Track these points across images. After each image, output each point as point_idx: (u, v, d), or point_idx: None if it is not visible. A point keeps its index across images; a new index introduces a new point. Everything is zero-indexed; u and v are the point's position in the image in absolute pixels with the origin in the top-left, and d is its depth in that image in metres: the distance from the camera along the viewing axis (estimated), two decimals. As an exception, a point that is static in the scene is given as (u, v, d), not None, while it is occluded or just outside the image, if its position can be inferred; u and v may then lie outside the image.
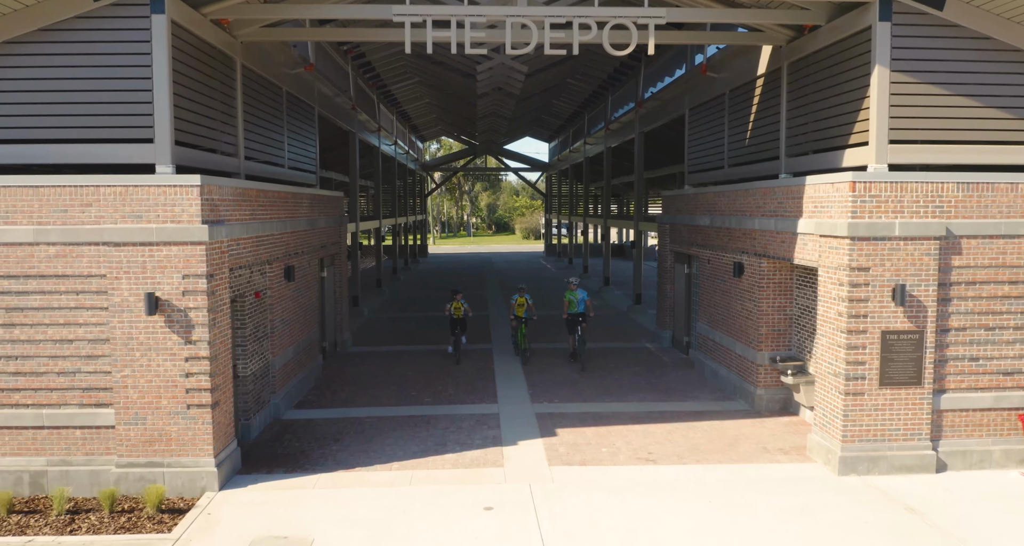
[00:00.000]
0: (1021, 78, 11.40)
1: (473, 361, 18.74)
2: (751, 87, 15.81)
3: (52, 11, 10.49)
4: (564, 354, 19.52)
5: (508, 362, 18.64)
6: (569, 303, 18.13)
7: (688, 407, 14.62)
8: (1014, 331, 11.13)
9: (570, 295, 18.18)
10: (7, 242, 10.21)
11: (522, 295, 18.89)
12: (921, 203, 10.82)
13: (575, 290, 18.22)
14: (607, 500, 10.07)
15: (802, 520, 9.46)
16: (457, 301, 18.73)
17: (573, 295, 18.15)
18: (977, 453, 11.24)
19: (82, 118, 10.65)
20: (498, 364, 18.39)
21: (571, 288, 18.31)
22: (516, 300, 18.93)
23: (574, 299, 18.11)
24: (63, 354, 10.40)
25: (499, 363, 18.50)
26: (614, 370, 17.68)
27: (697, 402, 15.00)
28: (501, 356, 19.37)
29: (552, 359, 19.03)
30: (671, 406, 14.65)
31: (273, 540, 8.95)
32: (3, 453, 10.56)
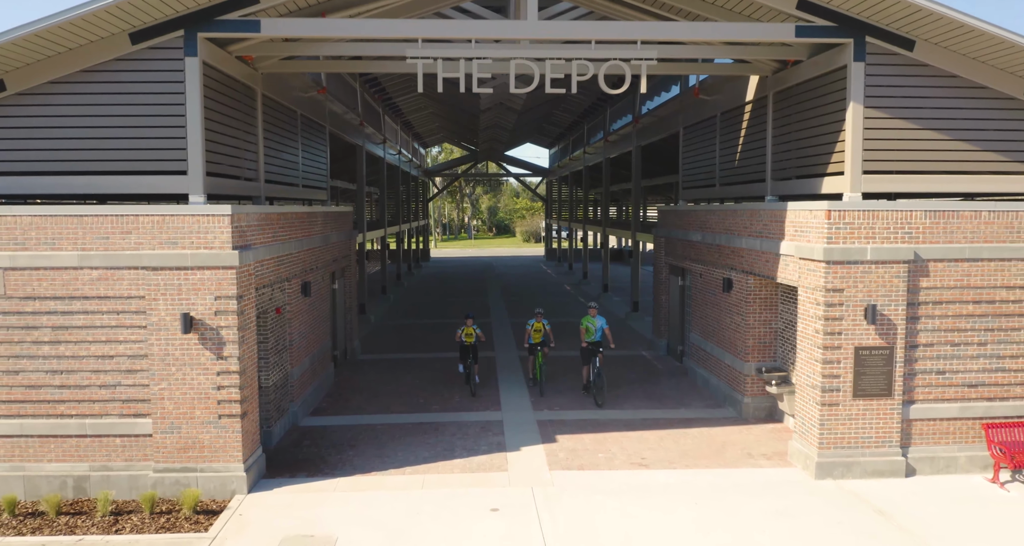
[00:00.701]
0: (985, 113, 12.36)
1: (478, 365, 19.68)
2: (740, 111, 16.76)
3: (93, 53, 11.44)
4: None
5: (511, 370, 19.59)
6: (586, 330, 16.57)
7: (680, 414, 15.58)
8: (977, 347, 12.09)
9: (588, 322, 16.61)
10: (54, 266, 11.17)
11: (539, 320, 17.31)
12: (891, 229, 11.77)
13: (594, 316, 16.67)
14: (604, 502, 11.03)
15: (780, 520, 10.42)
16: (469, 327, 17.21)
17: (591, 322, 16.59)
18: (944, 459, 12.19)
19: (121, 152, 11.60)
20: (501, 373, 19.33)
21: (590, 314, 16.75)
22: (532, 326, 17.35)
23: (592, 326, 16.56)
24: (104, 368, 11.36)
25: (502, 371, 19.44)
26: (611, 378, 18.62)
27: (689, 410, 15.95)
28: (504, 364, 20.30)
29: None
30: (664, 413, 15.60)
31: (301, 539, 9.91)
32: (49, 460, 11.52)
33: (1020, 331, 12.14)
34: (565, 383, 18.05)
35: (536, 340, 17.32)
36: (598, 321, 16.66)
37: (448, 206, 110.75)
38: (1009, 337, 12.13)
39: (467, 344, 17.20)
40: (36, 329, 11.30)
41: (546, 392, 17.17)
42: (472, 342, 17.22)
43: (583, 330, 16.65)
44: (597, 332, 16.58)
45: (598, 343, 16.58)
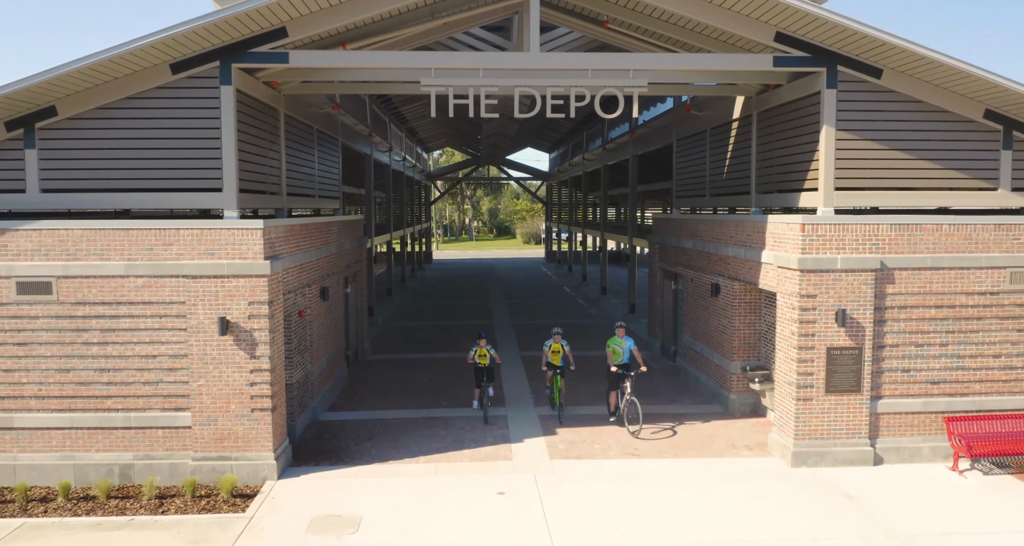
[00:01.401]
0: (946, 134, 13.58)
1: (482, 368, 20.87)
2: (728, 128, 17.97)
3: (137, 82, 12.65)
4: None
5: (512, 367, 20.79)
6: (613, 353, 15.42)
7: (671, 410, 16.78)
8: (939, 347, 13.30)
9: (614, 343, 15.48)
10: (103, 275, 12.39)
11: (557, 341, 15.98)
12: (860, 241, 12.99)
13: (621, 337, 15.54)
14: (598, 487, 12.24)
15: (757, 502, 11.63)
16: (483, 347, 15.99)
17: (618, 343, 15.47)
18: (909, 449, 13.41)
19: (162, 171, 12.81)
20: (504, 370, 20.52)
21: (617, 334, 15.60)
22: (550, 346, 16.06)
23: (619, 348, 15.47)
24: (148, 367, 12.57)
25: (505, 369, 20.63)
26: (608, 376, 19.81)
27: (680, 406, 17.16)
28: (506, 361, 21.49)
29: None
30: (657, 409, 16.80)
31: (329, 518, 11.13)
32: (97, 449, 12.73)
33: (978, 333, 13.35)
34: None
35: (555, 362, 16.01)
36: (626, 342, 15.50)
37: (449, 208, 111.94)
38: (968, 338, 13.34)
39: (481, 366, 15.92)
40: (86, 331, 12.51)
41: (566, 419, 15.95)
42: (487, 364, 15.91)
43: (609, 353, 15.43)
44: (625, 354, 15.48)
45: (627, 366, 15.49)
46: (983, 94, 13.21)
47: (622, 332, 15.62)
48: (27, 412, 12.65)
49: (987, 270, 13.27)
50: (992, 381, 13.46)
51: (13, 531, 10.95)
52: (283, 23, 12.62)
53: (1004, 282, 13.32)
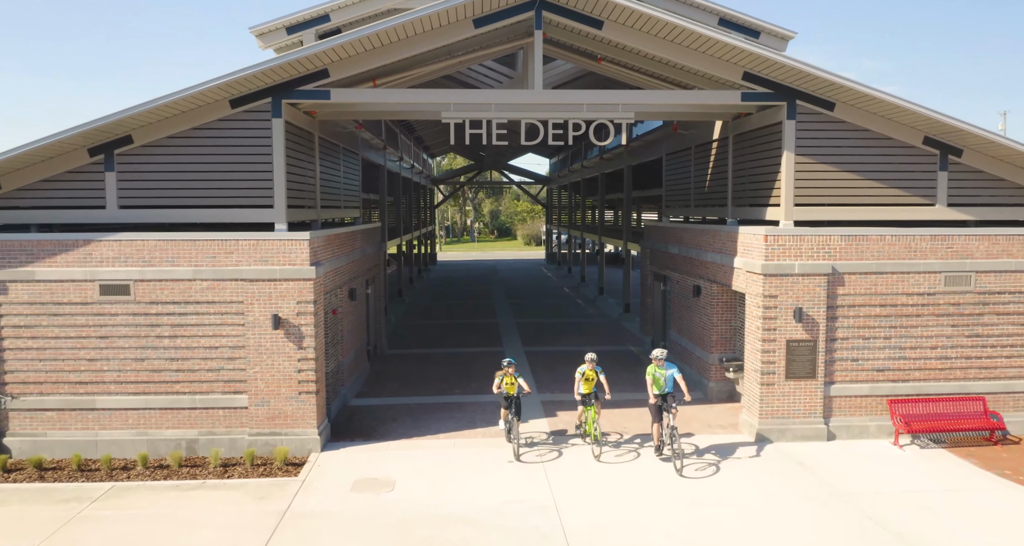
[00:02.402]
0: (890, 158, 15.86)
1: (488, 360, 23.15)
2: (709, 146, 20.25)
3: (201, 115, 14.93)
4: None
5: (518, 362, 23.06)
6: (654, 381, 14.30)
7: (658, 397, 19.04)
8: (883, 340, 15.59)
9: (655, 371, 14.31)
10: (174, 278, 14.66)
11: (591, 367, 14.94)
12: (815, 249, 15.27)
13: (662, 365, 14.30)
14: (592, 459, 14.50)
15: (725, 470, 13.90)
16: (510, 375, 14.97)
17: (660, 371, 14.30)
18: (858, 427, 15.69)
19: (222, 191, 15.09)
20: (510, 364, 22.80)
21: (656, 363, 14.31)
22: (583, 373, 14.94)
23: (660, 377, 14.30)
24: (211, 357, 14.85)
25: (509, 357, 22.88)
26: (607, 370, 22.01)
27: (665, 393, 19.42)
28: (510, 352, 23.77)
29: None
30: (644, 396, 19.04)
31: (368, 481, 13.41)
32: (167, 427, 15.01)
33: (917, 328, 15.63)
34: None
35: (587, 390, 14.94)
36: (667, 369, 14.33)
37: (451, 209, 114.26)
38: (908, 333, 15.62)
39: (509, 395, 14.96)
40: (158, 326, 14.79)
41: (604, 454, 14.67)
42: (514, 394, 14.94)
43: (649, 381, 14.34)
44: (667, 382, 14.34)
45: (669, 395, 14.38)
46: (920, 124, 15.50)
47: (660, 361, 14.29)
48: (107, 395, 14.93)
49: (924, 274, 15.55)
50: (929, 369, 15.75)
51: (106, 492, 13.23)
52: (325, 66, 14.91)
53: (939, 285, 15.60)
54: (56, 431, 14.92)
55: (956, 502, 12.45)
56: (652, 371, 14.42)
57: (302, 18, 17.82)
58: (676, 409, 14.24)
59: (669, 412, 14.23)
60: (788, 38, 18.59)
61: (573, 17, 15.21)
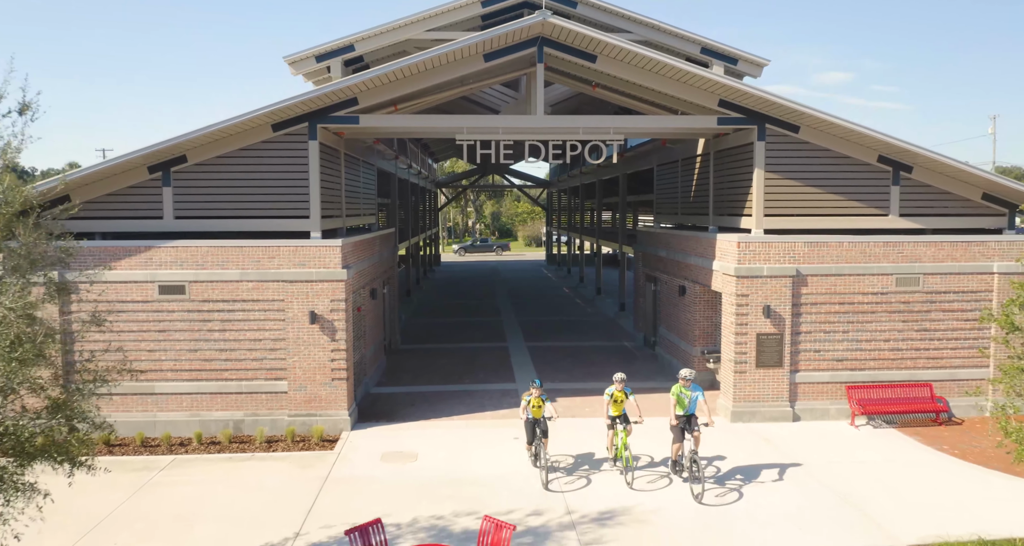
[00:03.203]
0: (848, 174, 18.08)
1: (493, 354, 25.37)
2: (693, 161, 22.47)
3: (247, 137, 17.16)
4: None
5: (519, 355, 25.30)
6: (678, 402, 14.03)
7: (647, 385, 21.27)
8: (842, 334, 17.81)
9: (680, 391, 14.02)
10: (224, 280, 16.88)
11: (620, 389, 14.50)
12: (781, 254, 17.48)
13: (688, 386, 14.01)
14: (585, 434, 16.73)
15: (702, 445, 16.09)
16: (536, 397, 14.42)
17: (685, 392, 14.00)
18: (819, 410, 17.91)
19: (265, 203, 17.31)
20: (513, 357, 25.04)
21: (682, 383, 14.05)
22: (612, 394, 14.51)
23: (685, 397, 14.01)
24: (255, 348, 17.07)
25: (513, 356, 25.14)
26: (599, 361, 24.32)
27: (654, 382, 21.66)
28: (514, 351, 26.00)
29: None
30: (635, 385, 21.26)
31: (395, 453, 15.64)
32: (216, 409, 17.22)
33: (872, 323, 17.85)
34: (580, 380, 23.65)
35: (616, 413, 14.51)
36: (692, 391, 14.02)
37: (453, 211, 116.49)
38: (864, 327, 17.84)
39: (534, 419, 14.45)
40: (209, 321, 17.01)
41: (635, 481, 14.11)
42: (541, 417, 14.44)
43: (674, 402, 14.10)
44: (692, 404, 14.06)
45: (692, 417, 14.12)
46: (874, 144, 17.73)
47: (686, 382, 14.04)
48: (165, 381, 17.15)
49: (878, 276, 17.78)
50: (882, 359, 17.97)
51: (169, 463, 15.45)
52: (355, 95, 17.13)
53: (891, 285, 17.82)
54: (119, 413, 17.12)
55: (897, 471, 14.68)
56: (677, 391, 14.02)
57: (329, 48, 20.04)
58: (699, 432, 13.94)
59: (692, 435, 13.87)
60: (762, 65, 20.82)
61: (570, 52, 17.44)
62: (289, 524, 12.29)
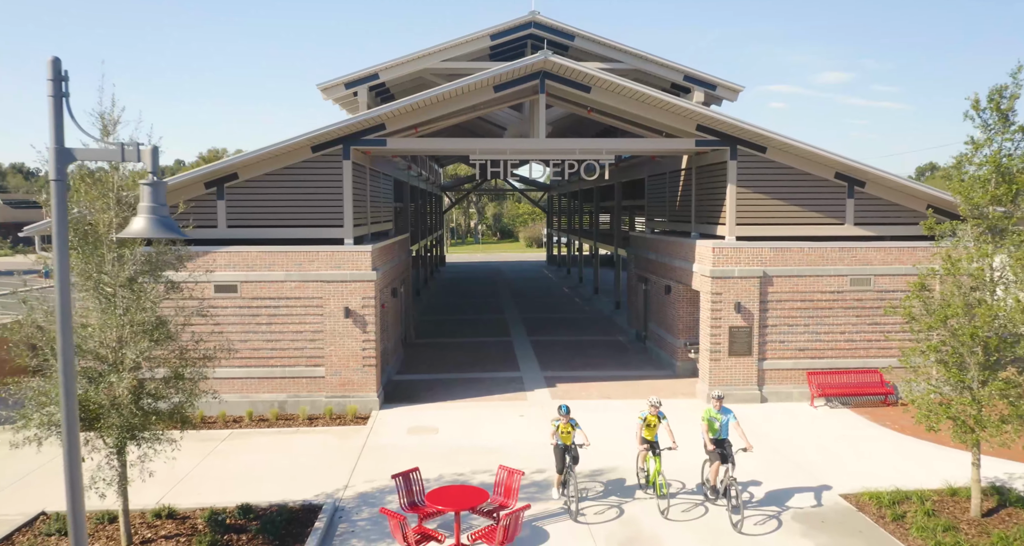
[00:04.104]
0: (809, 189, 20.83)
1: (499, 347, 28.15)
2: (678, 174, 25.24)
3: (290, 157, 19.93)
4: None
5: (522, 348, 28.07)
6: (709, 426, 13.65)
7: (637, 373, 24.05)
8: (803, 327, 20.57)
9: (710, 414, 13.68)
10: (271, 280, 19.65)
11: (654, 413, 13.90)
12: (750, 258, 20.24)
13: (718, 408, 13.65)
14: (582, 414, 19.46)
15: (681, 421, 18.86)
16: (565, 423, 13.73)
17: (715, 415, 13.65)
18: (784, 393, 20.67)
19: (305, 214, 20.08)
20: (517, 350, 27.80)
21: (713, 404, 13.71)
22: (645, 418, 13.95)
23: (716, 421, 13.63)
24: (297, 339, 19.84)
25: (518, 349, 27.90)
26: (595, 354, 27.09)
27: (643, 371, 24.44)
28: (518, 345, 28.76)
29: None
30: (626, 373, 24.08)
31: (418, 427, 18.42)
32: (263, 392, 19.98)
33: (829, 318, 20.61)
34: (580, 368, 26.45)
35: (648, 437, 13.93)
36: (724, 415, 13.65)
37: (456, 212, 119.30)
38: (822, 322, 20.60)
39: (564, 445, 13.73)
40: (258, 316, 19.78)
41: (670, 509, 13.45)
42: (571, 443, 13.72)
43: (704, 425, 13.73)
44: (723, 428, 13.63)
45: (724, 441, 13.57)
46: (831, 164, 20.50)
47: (717, 404, 13.68)
48: (220, 368, 19.90)
49: (835, 277, 20.54)
50: (838, 349, 20.74)
51: (228, 435, 18.21)
52: (383, 121, 19.92)
53: (846, 285, 20.59)
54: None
55: (845, 442, 17.44)
56: (708, 415, 13.68)
57: (357, 76, 22.82)
58: (732, 457, 13.37)
59: (730, 461, 13.26)
60: (738, 91, 23.59)
61: (568, 84, 20.21)
62: (338, 479, 15.07)
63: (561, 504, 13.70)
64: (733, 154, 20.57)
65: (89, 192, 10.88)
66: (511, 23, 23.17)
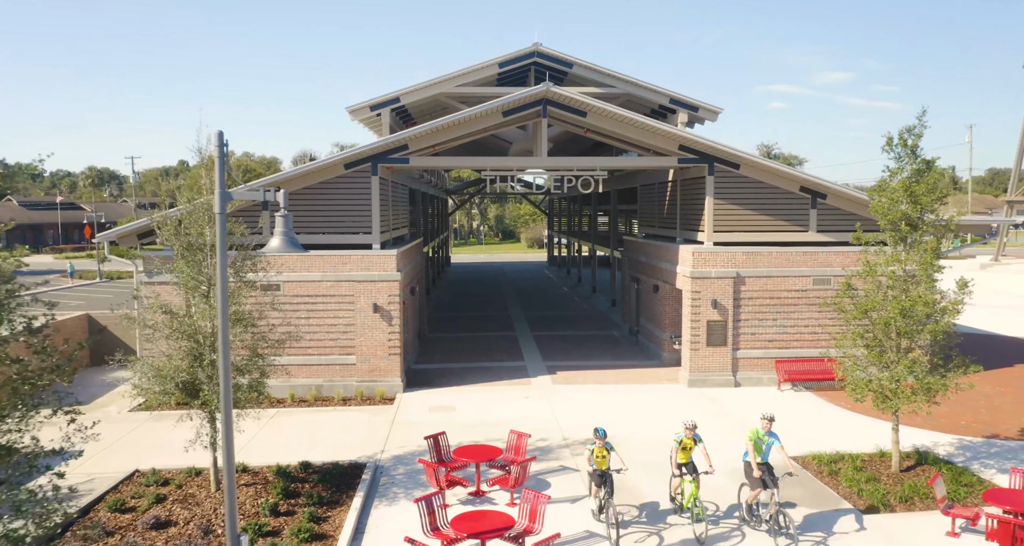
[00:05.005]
0: (777, 201, 23.87)
1: (505, 341, 31.18)
2: (666, 185, 28.29)
3: (326, 173, 22.98)
4: None
5: (525, 341, 31.11)
6: (756, 447, 13.22)
7: (628, 363, 27.10)
8: (772, 321, 23.61)
9: (756, 435, 13.30)
10: (310, 280, 22.70)
11: (689, 436, 13.55)
12: (725, 261, 23.28)
13: (767, 429, 13.31)
14: (578, 396, 22.54)
15: (664, 402, 21.92)
16: (601, 447, 13.34)
17: (763, 437, 13.29)
18: (755, 378, 23.72)
19: (339, 223, 23.12)
20: (522, 343, 30.85)
21: (763, 425, 13.34)
22: (680, 441, 13.60)
23: (762, 443, 13.28)
24: (332, 331, 22.88)
25: (523, 342, 30.95)
26: (592, 346, 30.13)
27: (633, 361, 27.49)
28: (522, 340, 31.80)
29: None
30: (619, 362, 27.12)
31: (438, 407, 21.47)
32: (303, 377, 23.03)
33: (794, 314, 23.65)
34: (577, 359, 29.57)
35: (684, 460, 13.55)
36: (770, 438, 13.30)
37: (459, 213, 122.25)
38: (788, 317, 23.65)
39: (599, 471, 13.36)
40: (298, 311, 22.82)
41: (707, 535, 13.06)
42: (607, 469, 13.33)
43: (750, 446, 13.23)
44: (767, 450, 13.27)
45: (768, 465, 13.24)
46: (796, 179, 23.54)
47: (767, 424, 13.32)
48: (264, 356, 22.93)
49: (799, 277, 23.57)
50: (802, 340, 23.78)
51: (275, 413, 21.25)
52: (406, 143, 22.98)
53: (809, 284, 23.62)
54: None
55: (802, 418, 20.49)
56: (755, 435, 13.27)
57: (380, 100, 25.87)
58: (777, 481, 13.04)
59: (775, 485, 12.92)
60: (717, 112, 26.64)
61: (566, 109, 23.26)
62: (375, 445, 18.13)
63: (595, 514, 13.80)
64: (711, 170, 23.62)
65: (198, 214, 13.94)
66: (516, 53, 26.24)
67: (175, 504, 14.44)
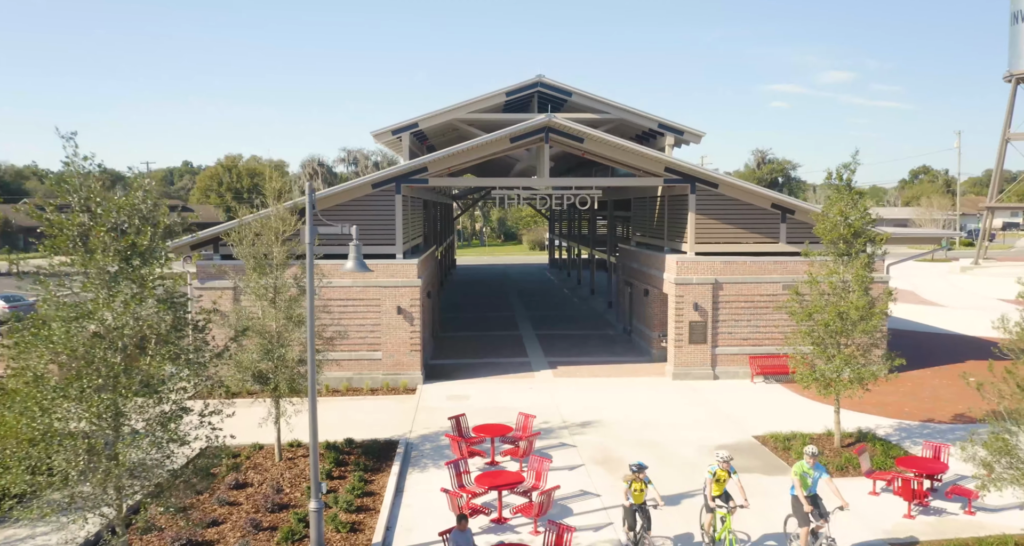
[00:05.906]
0: (752, 216, 27.14)
1: (510, 339, 34.47)
2: (655, 200, 31.57)
3: (355, 193, 26.27)
4: None
5: (529, 340, 34.40)
6: (802, 481, 13.09)
7: (621, 359, 30.38)
8: (747, 322, 26.89)
9: (803, 470, 13.16)
10: (342, 286, 25.98)
11: (724, 468, 13.32)
12: (706, 269, 26.56)
13: (812, 464, 13.20)
14: (577, 387, 25.80)
15: (651, 391, 25.18)
16: (640, 480, 13.23)
17: (808, 471, 13.16)
18: (732, 372, 27.00)
19: (368, 235, 26.40)
20: (527, 343, 34.15)
21: (808, 460, 13.23)
22: (715, 473, 13.31)
23: (808, 477, 13.13)
24: (361, 330, 26.16)
25: (527, 342, 34.25)
26: (590, 344, 33.41)
27: (626, 357, 30.77)
28: (527, 338, 35.10)
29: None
30: (613, 358, 30.39)
31: (454, 395, 24.76)
32: (335, 370, 26.30)
33: (766, 315, 26.92)
34: (576, 355, 32.85)
35: (717, 492, 13.35)
36: (816, 471, 13.16)
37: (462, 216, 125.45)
38: (761, 318, 26.92)
39: (636, 505, 13.23)
40: (331, 312, 26.10)
41: None
42: (643, 503, 13.26)
43: (797, 481, 13.14)
44: (814, 484, 13.15)
45: (816, 497, 13.14)
46: (768, 197, 26.82)
47: (811, 459, 13.20)
48: (301, 352, 26.26)
49: (770, 283, 26.84)
50: (772, 338, 27.06)
51: (312, 402, 24.54)
52: (425, 166, 26.27)
53: (779, 290, 26.89)
54: (271, 373, 26.20)
55: (768, 405, 23.77)
56: (800, 469, 13.12)
57: (401, 125, 29.15)
58: (828, 516, 12.91)
59: (825, 518, 12.83)
60: (701, 135, 29.92)
61: (566, 136, 26.54)
62: (404, 427, 21.42)
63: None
64: (693, 189, 26.90)
65: (268, 235, 17.24)
66: (522, 83, 29.54)
67: (248, 470, 17.74)
